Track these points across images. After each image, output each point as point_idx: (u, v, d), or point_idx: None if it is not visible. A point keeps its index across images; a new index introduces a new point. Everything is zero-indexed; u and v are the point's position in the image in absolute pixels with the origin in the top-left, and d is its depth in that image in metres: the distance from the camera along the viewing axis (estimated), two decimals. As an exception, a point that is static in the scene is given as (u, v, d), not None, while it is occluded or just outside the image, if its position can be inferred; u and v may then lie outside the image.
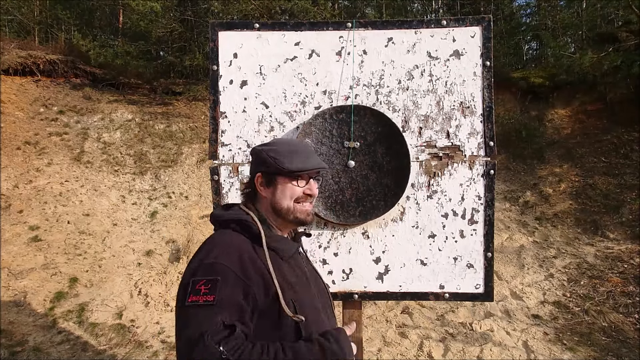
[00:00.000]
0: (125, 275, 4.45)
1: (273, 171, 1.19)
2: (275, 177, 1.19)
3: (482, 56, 1.76)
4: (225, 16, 7.59)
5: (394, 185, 1.69)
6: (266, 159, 1.19)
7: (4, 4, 9.18)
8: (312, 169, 1.19)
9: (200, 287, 0.98)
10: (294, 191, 1.19)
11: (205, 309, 0.95)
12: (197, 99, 8.02)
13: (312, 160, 1.21)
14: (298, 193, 1.19)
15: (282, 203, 1.19)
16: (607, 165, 6.46)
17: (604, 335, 3.46)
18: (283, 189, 1.19)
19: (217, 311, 0.95)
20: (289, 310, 1.03)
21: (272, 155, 1.19)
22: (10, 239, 4.60)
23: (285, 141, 1.31)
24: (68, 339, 3.51)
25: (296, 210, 1.19)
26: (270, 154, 1.19)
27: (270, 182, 1.20)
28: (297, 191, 1.19)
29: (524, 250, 5.03)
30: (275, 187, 1.20)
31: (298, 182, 1.19)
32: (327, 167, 1.26)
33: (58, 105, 7.03)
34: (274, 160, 1.17)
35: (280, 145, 1.24)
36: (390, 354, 3.32)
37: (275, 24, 1.79)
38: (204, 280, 0.99)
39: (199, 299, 0.96)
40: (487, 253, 1.74)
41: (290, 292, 1.08)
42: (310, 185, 1.22)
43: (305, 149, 1.27)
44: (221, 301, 0.96)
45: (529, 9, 12.19)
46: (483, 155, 1.75)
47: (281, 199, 1.19)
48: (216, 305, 0.95)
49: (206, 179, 6.33)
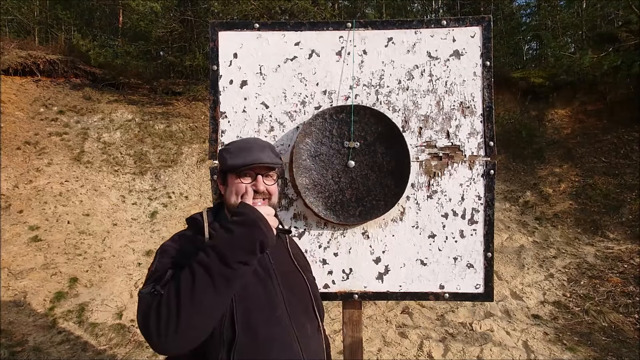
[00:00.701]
0: (125, 275, 4.45)
1: (223, 169, 1.25)
2: (226, 174, 1.24)
3: (482, 56, 1.76)
4: (225, 16, 7.59)
5: (394, 185, 1.69)
6: (220, 157, 1.26)
7: (4, 4, 9.18)
8: (249, 164, 1.19)
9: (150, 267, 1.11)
10: (238, 188, 1.20)
11: (149, 276, 1.07)
12: (197, 99, 8.03)
13: (253, 156, 1.20)
14: (242, 190, 1.19)
15: (230, 200, 1.21)
16: (607, 165, 6.46)
17: (604, 335, 3.46)
18: (231, 186, 1.22)
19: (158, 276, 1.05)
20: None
21: (223, 154, 1.24)
22: (10, 239, 4.60)
23: (243, 140, 1.32)
24: (68, 339, 3.51)
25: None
26: (223, 153, 1.25)
27: (224, 180, 1.25)
28: (241, 188, 1.20)
29: (524, 250, 5.03)
30: (227, 184, 1.24)
31: (242, 179, 1.21)
32: (267, 161, 1.20)
33: (58, 105, 7.03)
34: (223, 159, 1.24)
35: (234, 143, 1.28)
36: (390, 354, 3.32)
37: (275, 24, 1.79)
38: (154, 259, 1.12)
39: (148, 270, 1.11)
40: (487, 253, 1.74)
41: None
42: (257, 181, 1.21)
43: (257, 145, 1.25)
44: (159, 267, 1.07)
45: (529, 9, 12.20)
46: (483, 155, 1.75)
47: (230, 196, 1.22)
48: (156, 271, 1.06)
49: (206, 179, 6.33)
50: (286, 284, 1.21)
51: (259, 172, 1.22)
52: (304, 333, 1.17)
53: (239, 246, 1.02)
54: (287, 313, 1.16)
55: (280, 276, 1.21)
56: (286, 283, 1.21)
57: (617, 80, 7.21)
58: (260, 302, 1.12)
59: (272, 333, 1.10)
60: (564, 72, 7.76)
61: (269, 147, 1.27)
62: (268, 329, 1.09)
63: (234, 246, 1.02)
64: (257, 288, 1.14)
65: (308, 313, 1.25)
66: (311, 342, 1.19)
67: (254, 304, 1.11)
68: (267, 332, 1.09)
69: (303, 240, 1.75)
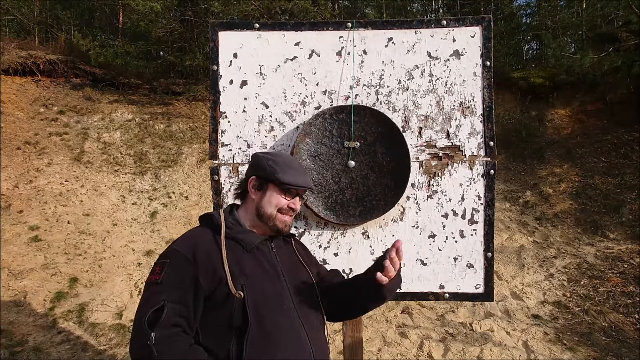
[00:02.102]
0: (125, 275, 4.45)
1: (267, 178, 1.29)
2: (267, 183, 1.30)
3: (482, 56, 1.76)
4: (225, 16, 7.59)
5: (394, 185, 1.69)
6: (264, 165, 1.30)
7: (4, 4, 9.18)
8: (301, 186, 1.29)
9: (156, 268, 1.17)
10: (279, 201, 1.28)
11: (153, 286, 1.13)
12: (197, 99, 8.02)
13: (303, 178, 1.31)
14: (283, 204, 1.29)
15: (266, 208, 1.28)
16: (607, 165, 6.46)
17: (604, 335, 3.46)
18: (271, 196, 1.29)
19: (161, 290, 1.11)
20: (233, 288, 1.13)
21: (270, 164, 1.29)
22: (10, 239, 4.60)
23: (286, 156, 1.40)
24: (68, 339, 3.51)
25: (277, 218, 1.29)
26: (269, 162, 1.30)
27: (262, 187, 1.31)
28: (282, 202, 1.29)
29: (524, 250, 5.03)
30: (265, 192, 1.30)
31: (285, 195, 1.29)
32: (314, 188, 1.36)
33: (58, 105, 7.03)
34: (271, 169, 1.28)
35: (279, 157, 1.34)
36: (390, 354, 3.32)
37: (275, 24, 1.79)
38: (159, 262, 1.18)
39: (151, 277, 1.15)
40: (487, 253, 1.74)
41: (242, 278, 1.16)
42: (295, 200, 1.32)
43: (300, 167, 1.37)
44: (165, 281, 1.12)
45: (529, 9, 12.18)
46: (483, 155, 1.75)
47: (267, 205, 1.29)
48: (160, 284, 1.12)
49: (206, 179, 6.33)
50: (292, 280, 1.28)
51: (299, 194, 1.34)
52: (311, 325, 1.23)
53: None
54: (295, 306, 1.22)
55: (286, 272, 1.28)
56: (292, 279, 1.28)
57: (617, 81, 7.20)
58: (268, 296, 1.18)
59: (281, 324, 1.15)
60: (564, 72, 7.75)
61: (307, 172, 1.41)
62: (277, 320, 1.16)
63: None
64: (264, 283, 1.20)
65: (314, 307, 1.30)
66: (318, 335, 1.26)
67: (263, 297, 1.17)
68: (277, 323, 1.15)
69: (303, 240, 1.75)
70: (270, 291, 1.19)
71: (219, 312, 1.13)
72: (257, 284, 1.17)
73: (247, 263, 1.20)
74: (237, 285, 1.13)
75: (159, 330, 1.04)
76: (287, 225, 1.31)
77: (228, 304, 1.12)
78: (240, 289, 1.13)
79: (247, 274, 1.17)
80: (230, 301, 1.12)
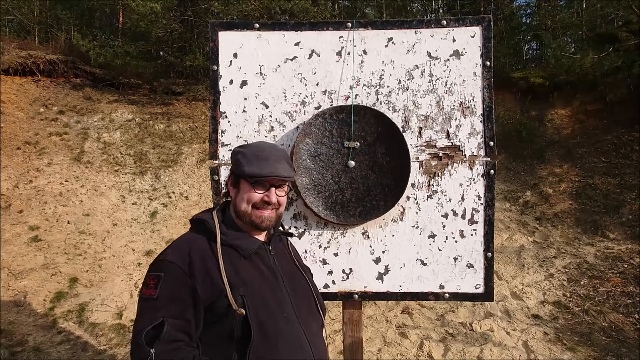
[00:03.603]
0: (125, 275, 4.45)
1: (237, 173, 1.23)
2: (239, 179, 1.23)
3: (482, 56, 1.76)
4: (225, 16, 7.59)
5: (394, 185, 1.69)
6: (234, 159, 1.24)
7: (4, 4, 9.18)
8: (267, 176, 1.18)
9: (150, 282, 1.09)
10: (251, 196, 1.20)
11: (149, 302, 1.07)
12: (197, 99, 8.02)
13: (271, 167, 1.18)
14: (255, 199, 1.20)
15: (240, 205, 1.22)
16: (607, 165, 6.46)
17: (604, 335, 3.46)
18: (243, 192, 1.22)
19: (159, 306, 1.05)
20: (235, 304, 1.07)
21: (238, 158, 1.22)
22: (10, 239, 4.60)
23: (256, 145, 1.28)
24: (68, 339, 3.51)
25: (252, 214, 1.21)
26: (238, 156, 1.23)
27: (236, 184, 1.24)
28: (254, 197, 1.20)
29: (524, 250, 5.03)
30: (238, 189, 1.23)
31: (256, 189, 1.20)
32: (284, 175, 1.20)
33: (58, 105, 7.03)
34: (238, 162, 1.22)
35: (249, 148, 1.25)
36: (390, 354, 3.32)
37: (275, 24, 1.79)
38: (152, 275, 1.10)
39: (146, 292, 1.08)
40: (487, 253, 1.74)
41: (241, 289, 1.11)
42: (269, 192, 1.21)
43: (272, 156, 1.22)
44: (162, 297, 1.06)
45: (529, 9, 12.19)
46: (483, 155, 1.75)
47: (240, 201, 1.22)
48: (157, 300, 1.06)
49: (206, 179, 6.33)
50: (291, 283, 1.25)
51: (273, 184, 1.22)
52: (311, 331, 1.21)
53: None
54: (295, 312, 1.19)
55: (285, 277, 1.24)
56: (291, 283, 1.25)
57: (617, 81, 7.20)
58: (269, 302, 1.15)
59: (283, 331, 1.12)
60: (564, 72, 7.75)
61: (285, 158, 1.26)
62: (279, 327, 1.12)
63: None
64: (264, 289, 1.16)
65: (312, 312, 1.28)
66: (317, 340, 1.23)
67: (263, 304, 1.13)
68: (279, 330, 1.11)
69: (303, 240, 1.75)
70: (271, 298, 1.16)
71: (220, 325, 1.09)
72: (256, 291, 1.13)
73: (245, 270, 1.16)
74: (237, 296, 1.08)
75: (160, 346, 1.00)
76: (265, 219, 1.21)
77: (229, 317, 1.08)
78: (241, 300, 1.08)
79: (246, 281, 1.13)
80: (231, 314, 1.07)
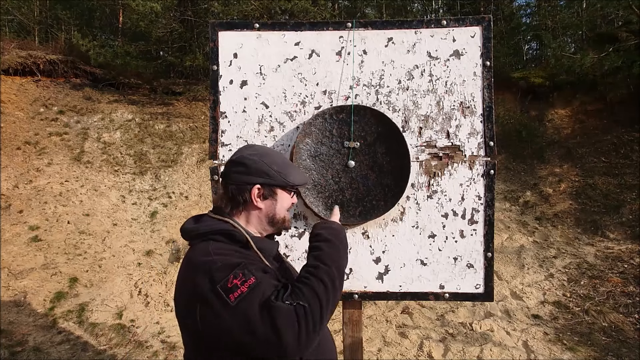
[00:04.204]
0: (125, 275, 4.45)
1: (276, 184, 1.18)
2: (274, 188, 1.19)
3: (482, 56, 1.76)
4: (225, 16, 7.58)
5: (394, 185, 1.69)
6: (269, 171, 1.16)
7: (4, 4, 9.18)
8: (305, 182, 1.28)
9: (234, 283, 0.94)
10: (289, 203, 1.26)
11: (254, 292, 0.94)
12: (197, 99, 8.02)
13: (301, 173, 1.29)
14: (292, 204, 1.27)
15: (281, 214, 1.22)
16: (607, 165, 6.46)
17: (604, 335, 3.46)
18: (283, 201, 1.23)
19: (265, 286, 0.97)
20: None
21: (275, 169, 1.17)
22: (10, 239, 4.59)
23: (277, 153, 1.28)
24: (68, 339, 3.51)
25: (287, 219, 1.26)
26: (273, 167, 1.17)
27: (270, 195, 1.19)
28: (290, 203, 1.27)
29: (524, 250, 5.03)
30: (275, 199, 1.20)
31: (292, 195, 1.27)
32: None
33: (58, 105, 7.03)
34: (279, 174, 1.18)
35: (272, 157, 1.21)
36: (390, 354, 3.32)
37: (275, 24, 1.79)
38: (230, 276, 0.95)
39: (241, 290, 0.93)
40: (487, 253, 1.74)
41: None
42: (294, 196, 1.30)
43: (289, 160, 1.32)
44: (262, 277, 0.99)
45: (529, 9, 12.19)
46: (483, 155, 1.75)
47: (280, 210, 1.22)
48: (261, 282, 0.97)
49: (206, 179, 6.33)
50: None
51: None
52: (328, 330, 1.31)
53: (344, 256, 1.21)
54: None
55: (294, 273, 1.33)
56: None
57: (617, 80, 7.20)
58: None
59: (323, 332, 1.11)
60: (564, 72, 7.75)
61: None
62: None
63: (341, 257, 1.18)
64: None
65: None
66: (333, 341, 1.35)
67: None
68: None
69: (303, 240, 1.75)
70: None
71: None
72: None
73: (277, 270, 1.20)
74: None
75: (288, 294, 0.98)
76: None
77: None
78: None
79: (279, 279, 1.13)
80: None
